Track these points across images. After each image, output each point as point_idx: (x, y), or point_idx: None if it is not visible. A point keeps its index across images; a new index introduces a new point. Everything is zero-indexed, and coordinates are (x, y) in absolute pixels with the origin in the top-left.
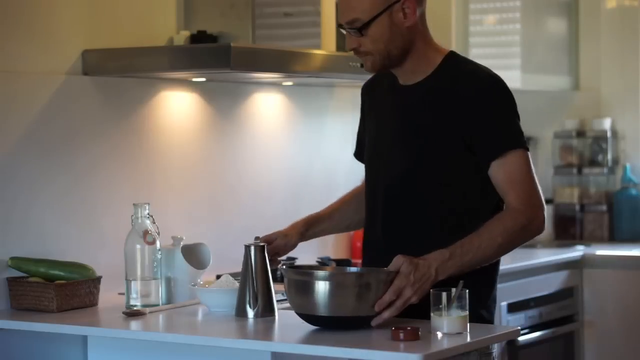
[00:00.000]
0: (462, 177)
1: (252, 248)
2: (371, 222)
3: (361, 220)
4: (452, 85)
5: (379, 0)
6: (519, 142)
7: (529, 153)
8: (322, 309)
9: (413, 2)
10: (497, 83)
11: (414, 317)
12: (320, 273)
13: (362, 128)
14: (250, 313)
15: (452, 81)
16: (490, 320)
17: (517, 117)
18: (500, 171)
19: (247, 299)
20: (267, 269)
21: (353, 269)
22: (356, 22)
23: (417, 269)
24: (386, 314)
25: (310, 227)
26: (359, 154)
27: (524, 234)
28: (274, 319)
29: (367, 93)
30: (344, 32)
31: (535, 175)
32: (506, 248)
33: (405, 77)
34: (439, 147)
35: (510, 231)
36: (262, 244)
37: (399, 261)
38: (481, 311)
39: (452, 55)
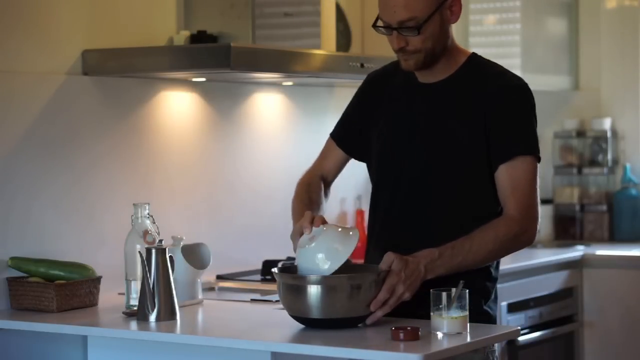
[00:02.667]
0: (482, 175)
1: (153, 251)
2: (386, 212)
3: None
4: (480, 85)
5: None
6: (533, 149)
7: (538, 164)
8: (314, 312)
9: (459, 0)
10: (524, 86)
11: (414, 317)
12: (312, 277)
13: (358, 116)
14: (151, 317)
15: (480, 80)
16: (494, 317)
17: (536, 124)
18: (506, 174)
19: (147, 303)
20: (169, 272)
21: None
22: (412, 20)
23: (407, 266)
24: (380, 313)
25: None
26: (339, 136)
27: (515, 244)
28: (176, 322)
29: (377, 85)
30: (382, 31)
31: (537, 186)
32: (496, 255)
33: (427, 75)
34: (464, 143)
35: (503, 239)
36: (163, 246)
37: (389, 258)
38: (485, 307)
39: (475, 56)
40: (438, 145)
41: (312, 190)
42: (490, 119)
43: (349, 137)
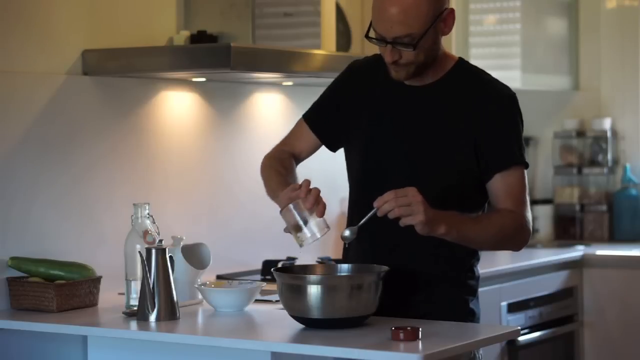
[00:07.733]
0: (469, 181)
1: (153, 251)
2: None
3: None
4: (469, 91)
5: (430, 14)
6: (524, 159)
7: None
8: (314, 312)
9: (453, 12)
10: (514, 98)
11: (412, 317)
12: (312, 277)
13: (337, 105)
14: (151, 317)
15: (469, 87)
16: (478, 317)
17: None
18: (501, 182)
19: (147, 303)
20: (169, 272)
21: (345, 267)
22: (408, 37)
23: (402, 194)
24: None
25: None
26: (313, 121)
27: (515, 238)
28: (176, 322)
29: (361, 77)
30: (376, 42)
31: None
32: (497, 242)
33: (414, 79)
34: (452, 149)
35: (507, 228)
36: (163, 246)
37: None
38: (471, 306)
39: (463, 62)
40: (426, 149)
41: (285, 164)
42: (483, 128)
43: (324, 124)
